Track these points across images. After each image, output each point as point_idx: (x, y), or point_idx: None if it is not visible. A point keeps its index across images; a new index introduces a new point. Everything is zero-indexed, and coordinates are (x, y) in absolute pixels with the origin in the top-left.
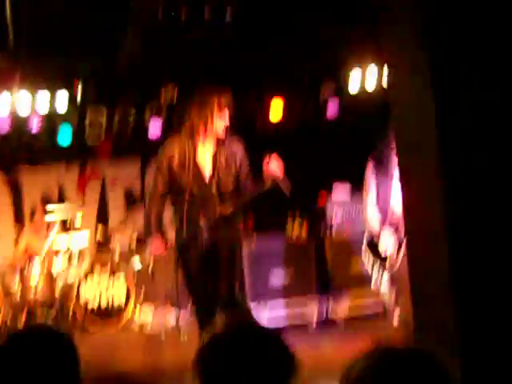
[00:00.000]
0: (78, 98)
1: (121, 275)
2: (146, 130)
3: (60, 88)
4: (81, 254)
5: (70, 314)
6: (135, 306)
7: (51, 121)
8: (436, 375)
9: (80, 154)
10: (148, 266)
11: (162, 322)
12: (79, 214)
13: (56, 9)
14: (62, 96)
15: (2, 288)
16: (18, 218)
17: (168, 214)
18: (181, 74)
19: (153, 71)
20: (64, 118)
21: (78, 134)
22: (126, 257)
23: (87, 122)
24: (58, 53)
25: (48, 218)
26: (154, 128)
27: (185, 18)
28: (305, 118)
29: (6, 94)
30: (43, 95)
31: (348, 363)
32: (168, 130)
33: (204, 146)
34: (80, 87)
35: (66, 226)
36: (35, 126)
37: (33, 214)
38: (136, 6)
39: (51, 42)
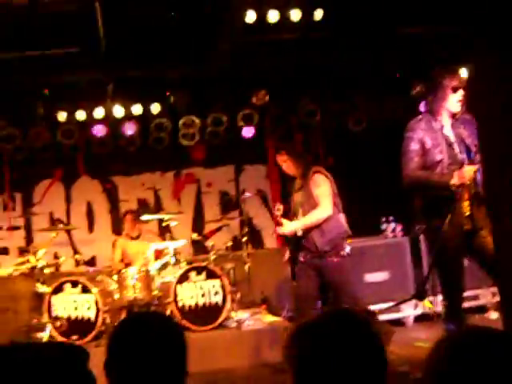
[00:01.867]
0: (172, 107)
1: (217, 276)
2: (238, 134)
3: (154, 98)
4: (178, 254)
5: (168, 312)
6: (232, 307)
7: (146, 129)
8: None
9: (175, 160)
10: (245, 268)
11: (255, 321)
12: (175, 222)
13: (146, 21)
14: (156, 106)
15: (102, 289)
16: (116, 225)
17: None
18: (271, 78)
19: (243, 77)
20: (159, 126)
21: (173, 140)
22: (222, 258)
23: (181, 128)
24: (151, 64)
25: (145, 224)
26: (247, 132)
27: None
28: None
29: (99, 107)
30: (137, 107)
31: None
32: (260, 134)
33: (443, 120)
34: (173, 97)
35: (163, 232)
36: (130, 133)
37: (130, 221)
38: (225, 15)
39: (143, 54)
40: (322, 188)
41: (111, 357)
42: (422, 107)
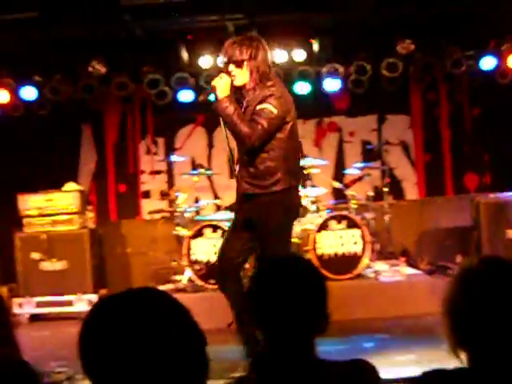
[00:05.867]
0: (315, 53)
1: (357, 226)
2: (381, 83)
3: (297, 44)
4: (318, 202)
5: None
6: (370, 258)
7: (288, 76)
8: None
9: (317, 108)
10: (385, 219)
11: (394, 272)
12: (316, 170)
13: None
14: (299, 53)
15: None
16: None
17: None
18: (413, 27)
19: (389, 24)
20: (301, 73)
21: (315, 88)
22: (362, 208)
23: (324, 76)
24: (295, 8)
25: None
26: (388, 82)
27: None
28: None
29: None
30: (280, 53)
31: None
32: (404, 83)
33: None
34: (316, 43)
35: (303, 179)
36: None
37: None
38: None
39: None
40: None
41: (254, 298)
42: None
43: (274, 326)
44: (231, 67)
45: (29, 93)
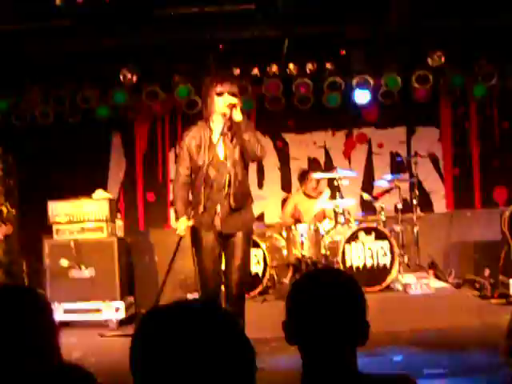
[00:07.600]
0: (346, 66)
1: (386, 237)
2: (412, 95)
3: (328, 56)
4: (347, 214)
5: None
6: (399, 270)
7: (318, 86)
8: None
9: (347, 119)
10: (413, 231)
11: (422, 285)
12: (346, 181)
13: None
14: (330, 64)
15: (270, 245)
16: (285, 183)
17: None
18: (448, 40)
19: (420, 37)
20: (332, 85)
21: (345, 99)
22: (391, 220)
23: (353, 87)
24: (327, 20)
25: (316, 182)
26: (420, 94)
27: None
28: None
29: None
30: (310, 65)
31: None
32: (434, 96)
33: (214, 126)
34: (347, 55)
35: (332, 191)
36: (303, 91)
37: (302, 178)
38: None
39: (319, 12)
40: None
41: (293, 313)
42: None
43: (315, 340)
44: (228, 98)
45: (60, 101)
